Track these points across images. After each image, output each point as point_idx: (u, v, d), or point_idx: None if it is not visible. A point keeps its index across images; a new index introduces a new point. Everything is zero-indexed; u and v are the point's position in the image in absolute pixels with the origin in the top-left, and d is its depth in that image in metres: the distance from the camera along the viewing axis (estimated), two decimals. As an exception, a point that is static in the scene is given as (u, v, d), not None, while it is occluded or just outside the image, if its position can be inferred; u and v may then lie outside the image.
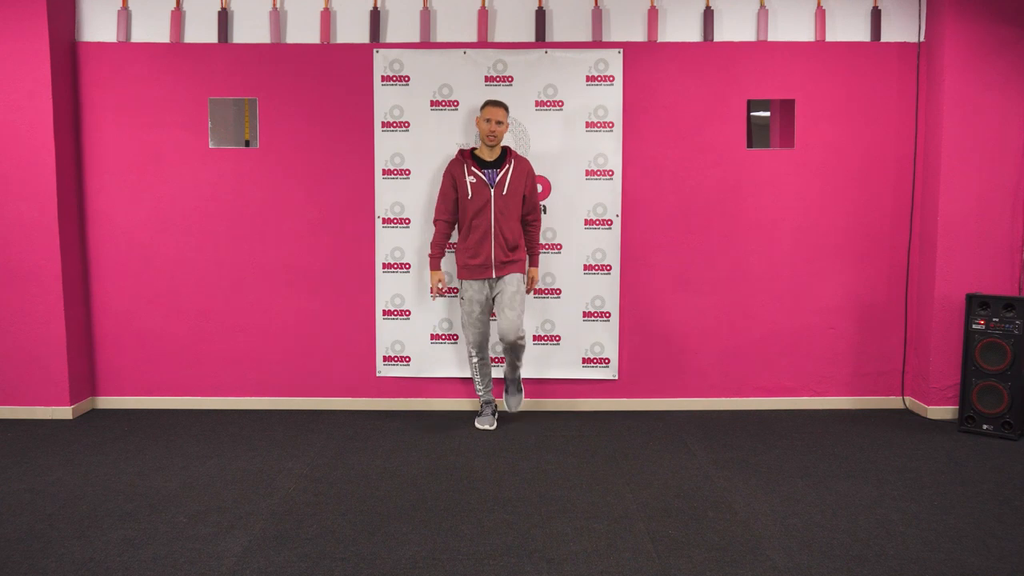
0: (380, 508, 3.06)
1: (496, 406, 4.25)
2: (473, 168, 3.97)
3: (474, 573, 2.54)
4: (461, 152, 4.04)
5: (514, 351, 4.05)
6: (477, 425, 4.12)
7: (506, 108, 3.96)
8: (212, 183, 4.36)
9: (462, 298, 4.06)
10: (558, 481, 3.36)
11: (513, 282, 3.98)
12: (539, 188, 4.25)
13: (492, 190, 3.93)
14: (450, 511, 3.03)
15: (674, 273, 4.43)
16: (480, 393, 4.20)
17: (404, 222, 4.37)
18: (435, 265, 4.09)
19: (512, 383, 4.23)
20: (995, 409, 3.98)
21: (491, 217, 3.94)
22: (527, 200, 4.05)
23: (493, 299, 4.05)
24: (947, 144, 4.17)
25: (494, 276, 3.98)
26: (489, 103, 3.93)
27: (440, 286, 4.08)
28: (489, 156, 4.00)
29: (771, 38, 4.33)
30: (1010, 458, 3.66)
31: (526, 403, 4.46)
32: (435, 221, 4.08)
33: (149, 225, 4.38)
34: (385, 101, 4.31)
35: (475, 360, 4.13)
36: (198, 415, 4.35)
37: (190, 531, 2.84)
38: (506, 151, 4.04)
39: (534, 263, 4.17)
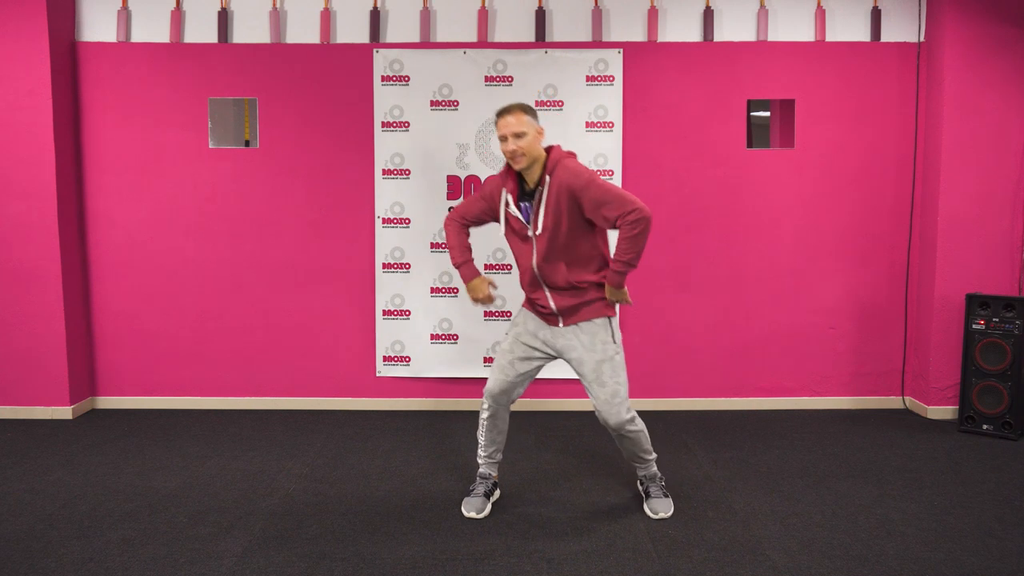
0: (380, 508, 3.06)
1: (495, 485, 3.15)
2: (512, 202, 2.88)
3: (474, 573, 2.54)
4: (508, 169, 2.91)
5: (622, 442, 2.94)
6: (463, 510, 3.00)
7: (524, 108, 2.80)
8: (212, 183, 4.36)
9: (507, 332, 3.06)
10: (558, 481, 3.36)
11: (594, 344, 2.86)
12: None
13: (530, 230, 2.85)
14: (450, 511, 3.03)
15: (674, 273, 4.43)
16: (480, 460, 3.12)
17: (404, 222, 4.37)
18: (471, 272, 3.00)
19: (648, 480, 3.09)
20: (995, 409, 3.98)
21: (532, 266, 2.89)
22: (596, 213, 2.74)
23: (551, 356, 2.99)
24: (947, 144, 4.17)
25: (561, 326, 2.92)
26: (498, 115, 2.82)
27: (486, 291, 2.98)
28: (530, 182, 2.86)
29: (771, 38, 4.33)
30: (1010, 458, 3.67)
31: (526, 403, 4.45)
32: (446, 221, 3.07)
33: (149, 225, 4.38)
34: (385, 101, 4.31)
35: (486, 414, 3.03)
36: (198, 415, 4.35)
37: (190, 531, 2.84)
38: (546, 166, 2.83)
39: (612, 280, 2.81)
